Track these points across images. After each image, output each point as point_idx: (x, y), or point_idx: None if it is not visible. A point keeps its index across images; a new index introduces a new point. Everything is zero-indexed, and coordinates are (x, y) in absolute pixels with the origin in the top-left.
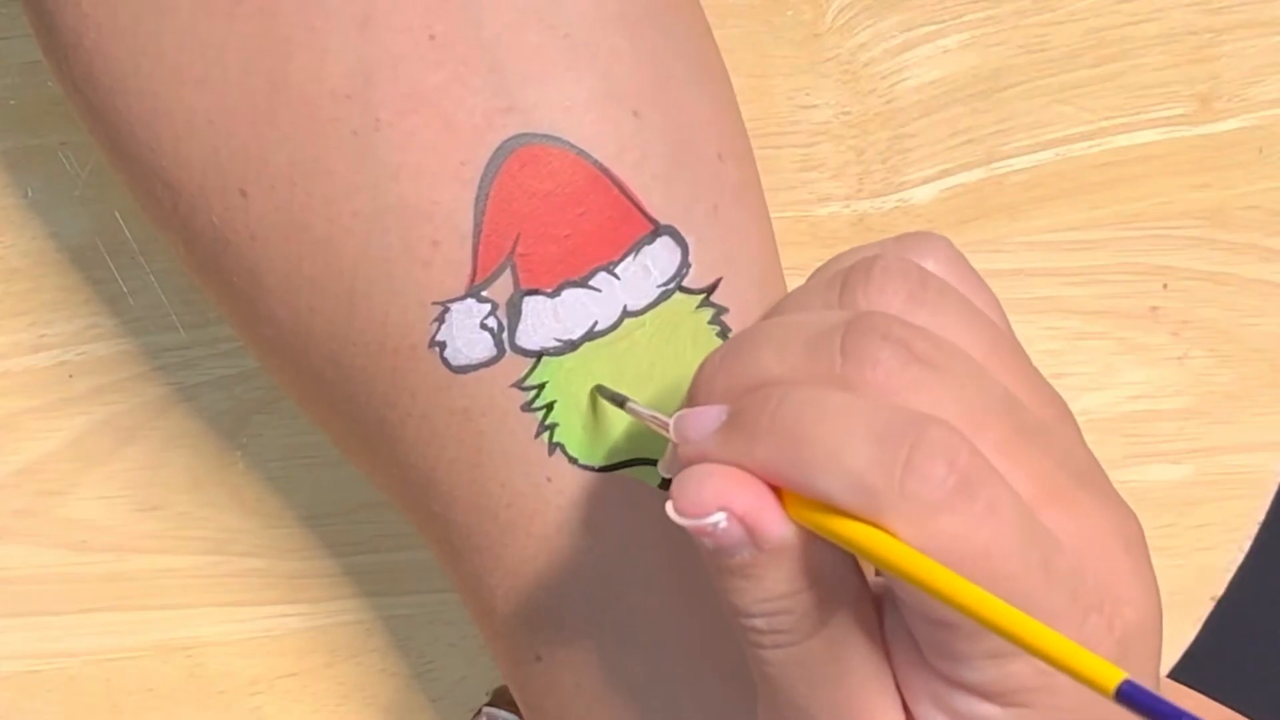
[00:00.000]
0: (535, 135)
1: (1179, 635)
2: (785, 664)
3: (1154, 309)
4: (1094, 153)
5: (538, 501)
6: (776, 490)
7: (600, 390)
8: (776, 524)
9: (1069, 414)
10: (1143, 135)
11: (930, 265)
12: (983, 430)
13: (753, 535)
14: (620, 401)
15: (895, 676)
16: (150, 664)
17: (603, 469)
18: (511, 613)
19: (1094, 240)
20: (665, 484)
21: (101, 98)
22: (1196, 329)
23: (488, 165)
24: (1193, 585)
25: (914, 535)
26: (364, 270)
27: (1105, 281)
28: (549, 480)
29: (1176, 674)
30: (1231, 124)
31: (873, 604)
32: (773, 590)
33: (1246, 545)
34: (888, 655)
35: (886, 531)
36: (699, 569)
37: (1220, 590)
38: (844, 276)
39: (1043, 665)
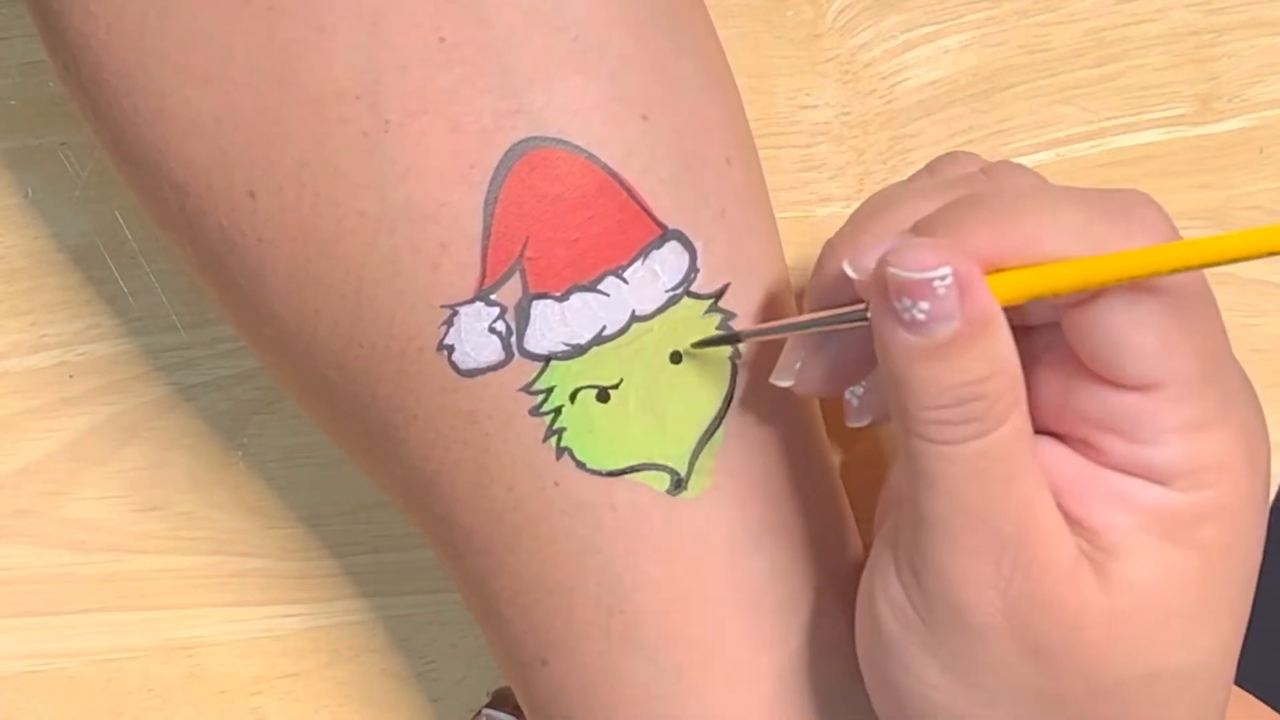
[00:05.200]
0: (544, 138)
1: None
2: (968, 460)
3: None
4: (1094, 153)
5: (544, 505)
6: None
7: (702, 342)
8: (987, 294)
9: None
10: (1143, 135)
11: None
12: None
13: (965, 300)
14: (734, 338)
15: (1059, 488)
16: (150, 664)
17: (610, 474)
18: (517, 617)
19: None
20: (672, 489)
21: (108, 98)
22: None
23: (497, 168)
24: None
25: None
26: (371, 272)
27: None
28: (555, 484)
29: None
30: (1231, 124)
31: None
32: (969, 373)
33: None
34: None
35: None
36: (704, 572)
37: None
38: (925, 171)
39: (1231, 437)
